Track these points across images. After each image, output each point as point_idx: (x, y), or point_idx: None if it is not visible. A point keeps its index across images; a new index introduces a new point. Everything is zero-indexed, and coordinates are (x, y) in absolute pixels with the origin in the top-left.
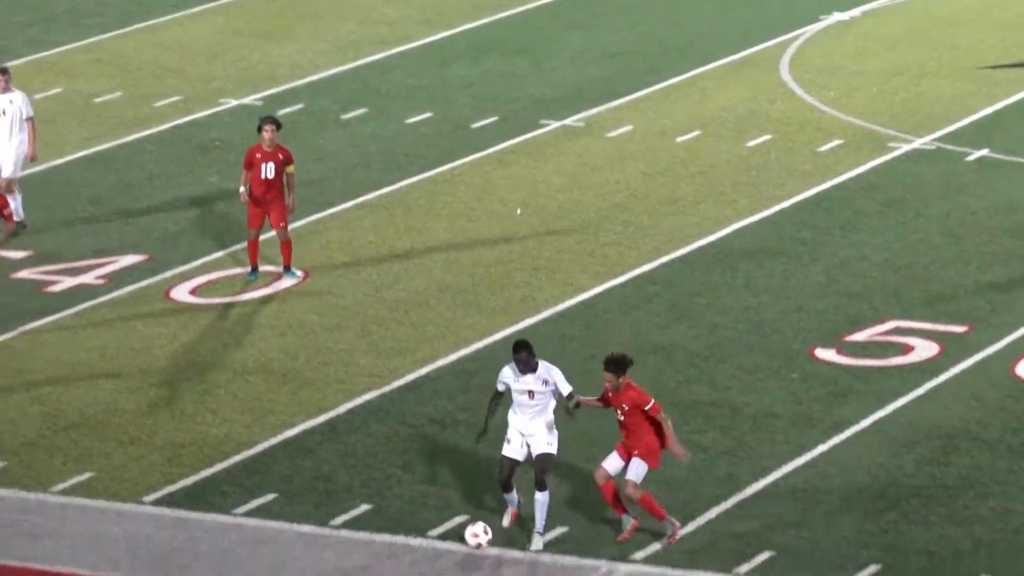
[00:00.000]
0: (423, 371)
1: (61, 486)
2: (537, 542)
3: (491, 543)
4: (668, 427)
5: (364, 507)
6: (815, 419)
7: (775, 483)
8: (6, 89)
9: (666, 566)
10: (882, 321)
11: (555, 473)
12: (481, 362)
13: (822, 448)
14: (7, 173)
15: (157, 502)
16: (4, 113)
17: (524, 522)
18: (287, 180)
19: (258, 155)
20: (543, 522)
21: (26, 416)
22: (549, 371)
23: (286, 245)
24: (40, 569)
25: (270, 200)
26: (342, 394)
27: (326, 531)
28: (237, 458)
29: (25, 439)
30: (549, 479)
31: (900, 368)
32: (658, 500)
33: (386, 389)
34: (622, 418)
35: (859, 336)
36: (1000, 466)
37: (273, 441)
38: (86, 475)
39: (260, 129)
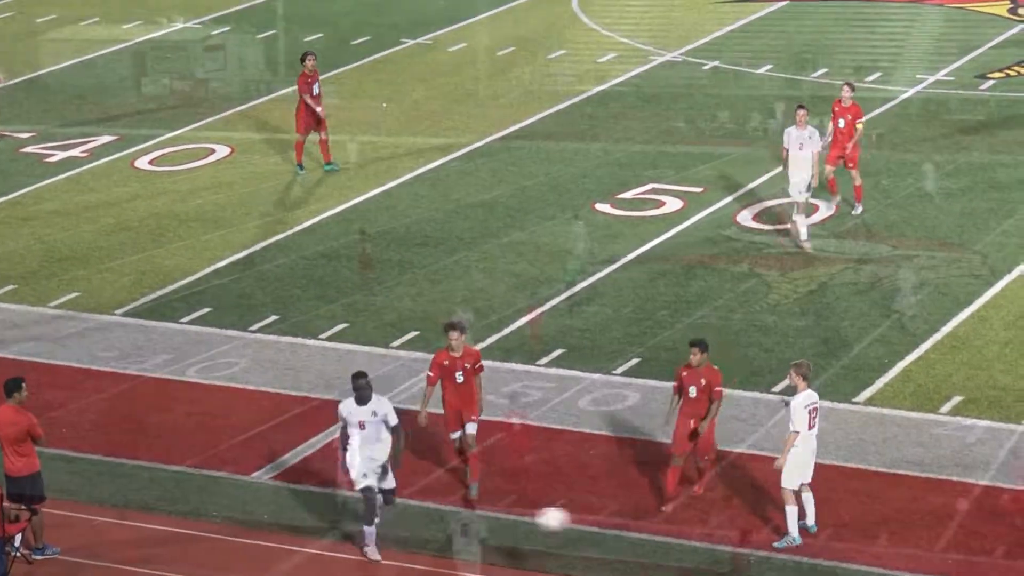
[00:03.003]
0: (316, 219)
1: (56, 302)
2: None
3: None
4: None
5: (273, 317)
6: (596, 253)
7: (567, 299)
8: None
9: (488, 359)
10: (643, 184)
11: None
12: (359, 213)
13: (600, 274)
14: None
15: (126, 314)
16: None
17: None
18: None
19: (308, 80)
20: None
21: (31, 252)
22: (379, 402)
23: (326, 142)
24: (39, 362)
25: (320, 111)
26: (258, 235)
27: (247, 334)
28: (182, 281)
29: (29, 268)
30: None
31: (655, 217)
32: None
33: (290, 232)
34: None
35: (627, 195)
36: (725, 287)
37: (208, 270)
38: (74, 294)
39: (303, 60)
